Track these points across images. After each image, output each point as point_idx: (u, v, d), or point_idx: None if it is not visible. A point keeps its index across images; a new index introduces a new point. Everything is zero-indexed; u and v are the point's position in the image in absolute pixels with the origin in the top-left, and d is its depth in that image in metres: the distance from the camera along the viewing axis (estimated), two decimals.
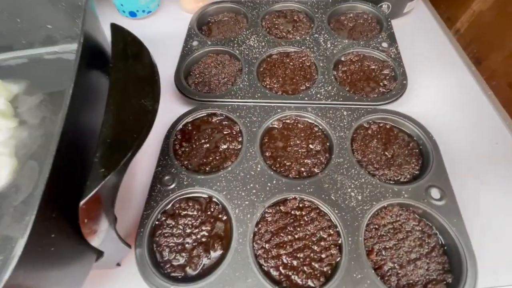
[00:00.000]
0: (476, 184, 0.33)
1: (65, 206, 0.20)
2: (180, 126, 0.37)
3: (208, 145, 0.36)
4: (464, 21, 0.63)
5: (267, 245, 0.29)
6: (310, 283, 0.27)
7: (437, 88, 0.42)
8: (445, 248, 0.29)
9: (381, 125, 0.37)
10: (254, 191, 0.31)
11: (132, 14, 0.53)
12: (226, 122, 0.37)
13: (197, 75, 0.43)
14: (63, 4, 0.35)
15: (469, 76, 0.44)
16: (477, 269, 0.26)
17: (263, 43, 0.45)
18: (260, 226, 0.30)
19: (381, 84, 0.40)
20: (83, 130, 0.24)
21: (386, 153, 0.34)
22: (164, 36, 0.51)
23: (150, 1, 0.53)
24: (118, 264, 0.30)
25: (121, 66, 0.26)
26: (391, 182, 0.32)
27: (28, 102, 0.37)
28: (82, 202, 0.19)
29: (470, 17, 0.61)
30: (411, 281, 0.27)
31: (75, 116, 0.23)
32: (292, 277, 0.27)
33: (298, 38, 0.45)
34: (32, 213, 0.17)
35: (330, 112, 0.37)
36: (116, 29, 0.29)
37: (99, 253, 0.25)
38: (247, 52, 0.44)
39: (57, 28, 0.38)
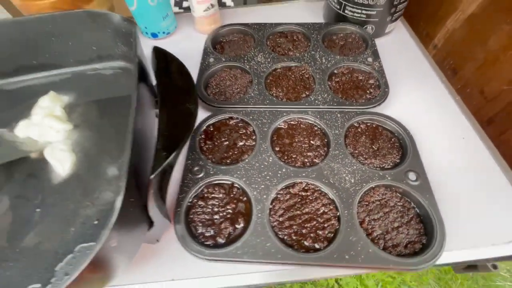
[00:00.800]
0: (445, 168, 0.41)
1: (136, 182, 0.27)
2: (204, 128, 0.45)
3: (227, 142, 0.43)
4: (440, 37, 0.74)
5: (280, 218, 0.36)
6: (316, 245, 0.34)
7: (414, 94, 0.51)
8: (421, 217, 0.36)
9: (368, 124, 0.45)
10: (268, 177, 0.39)
11: (154, 35, 0.62)
12: (241, 124, 0.45)
13: (214, 86, 0.51)
14: (109, 30, 0.43)
15: (440, 84, 0.53)
16: (445, 232, 0.34)
17: (269, 59, 0.53)
18: (274, 204, 0.37)
19: (367, 92, 0.48)
20: (142, 127, 0.32)
21: (373, 146, 0.42)
22: (182, 53, 0.59)
23: (170, 24, 0.62)
24: (157, 240, 0.37)
25: (167, 79, 0.33)
26: (377, 168, 0.40)
27: (77, 109, 0.44)
28: (152, 176, 0.26)
29: (445, 34, 0.72)
30: (395, 243, 0.34)
31: (137, 116, 0.30)
32: (302, 241, 0.34)
33: (298, 54, 0.54)
34: (124, 180, 0.24)
35: (327, 114, 0.45)
36: (158, 51, 0.37)
37: (151, 224, 0.32)
38: (255, 67, 0.52)
39: (101, 49, 0.46)
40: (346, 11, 0.58)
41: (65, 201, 0.35)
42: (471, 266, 0.42)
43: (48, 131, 0.39)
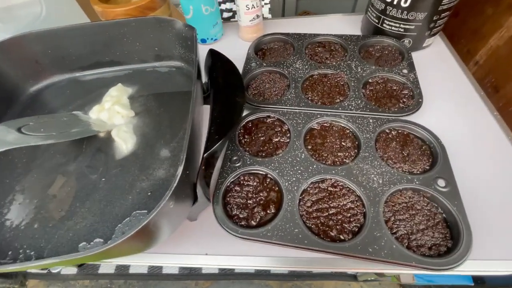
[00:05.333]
0: (475, 177, 0.42)
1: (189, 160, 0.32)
2: (243, 123, 0.49)
3: (264, 137, 0.47)
4: (482, 54, 0.73)
5: (309, 209, 0.39)
6: (341, 237, 0.36)
7: (449, 107, 0.51)
8: (448, 223, 0.37)
9: (399, 131, 0.46)
10: (299, 171, 0.42)
11: (203, 41, 0.69)
12: (277, 123, 0.49)
13: (254, 88, 0.56)
14: (170, 34, 0.50)
15: (478, 99, 0.53)
16: (472, 238, 0.34)
17: (306, 66, 0.57)
18: (303, 195, 0.40)
19: (401, 101, 0.50)
20: (196, 116, 0.37)
21: (403, 152, 0.44)
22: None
23: (217, 32, 0.69)
24: (195, 219, 0.42)
25: (220, 76, 0.39)
26: (406, 173, 0.42)
27: (139, 100, 0.51)
28: (206, 154, 0.31)
29: (488, 51, 0.71)
30: (420, 244, 0.36)
31: (194, 106, 0.36)
32: (328, 231, 0.37)
33: (334, 63, 0.58)
34: (184, 153, 0.29)
35: (359, 119, 0.48)
36: (213, 53, 0.43)
37: (195, 199, 0.37)
38: (293, 72, 0.56)
39: (162, 49, 0.54)
40: (384, 25, 0.60)
41: (125, 174, 0.41)
42: None
43: (116, 115, 0.47)
